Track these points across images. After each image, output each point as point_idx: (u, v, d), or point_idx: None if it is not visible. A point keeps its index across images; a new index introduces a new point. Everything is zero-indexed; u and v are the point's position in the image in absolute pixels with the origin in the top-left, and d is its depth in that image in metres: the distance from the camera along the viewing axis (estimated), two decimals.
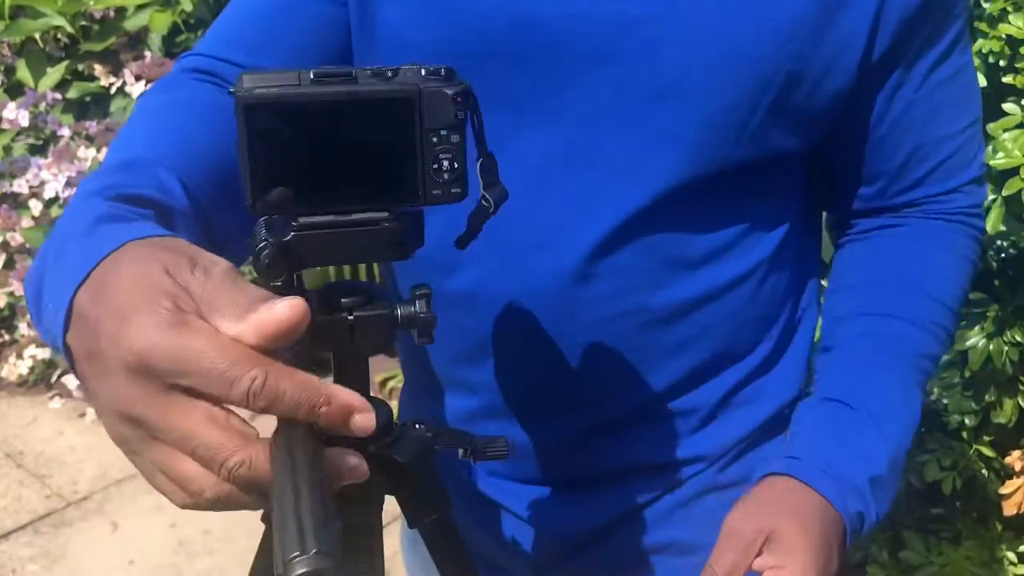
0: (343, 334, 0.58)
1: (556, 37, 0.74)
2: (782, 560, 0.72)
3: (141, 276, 0.48)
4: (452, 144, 0.55)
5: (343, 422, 0.47)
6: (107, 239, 0.53)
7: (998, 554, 1.84)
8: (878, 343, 0.83)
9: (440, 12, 0.75)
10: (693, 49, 0.72)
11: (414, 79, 0.55)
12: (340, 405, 0.47)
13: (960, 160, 0.85)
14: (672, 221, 0.78)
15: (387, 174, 0.55)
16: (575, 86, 0.75)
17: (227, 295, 0.47)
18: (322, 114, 0.54)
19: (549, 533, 0.90)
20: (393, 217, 0.56)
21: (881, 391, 0.82)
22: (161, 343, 0.45)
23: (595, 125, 0.75)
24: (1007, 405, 1.68)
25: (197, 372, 0.45)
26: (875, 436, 0.80)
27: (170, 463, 0.47)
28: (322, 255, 0.56)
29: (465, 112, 0.56)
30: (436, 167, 0.55)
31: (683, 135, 0.75)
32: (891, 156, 0.83)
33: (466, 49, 0.75)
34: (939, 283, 0.85)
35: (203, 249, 0.52)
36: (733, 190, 0.79)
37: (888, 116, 0.81)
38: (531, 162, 0.77)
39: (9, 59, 3.10)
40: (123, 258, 0.51)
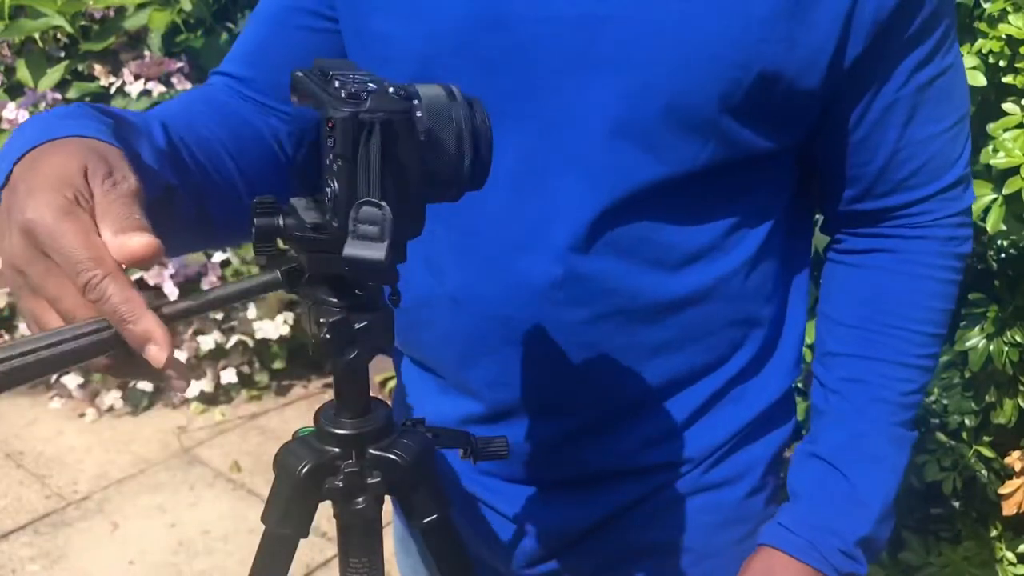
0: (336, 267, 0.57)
1: (527, 40, 0.74)
2: None
3: (62, 166, 0.58)
4: (332, 172, 0.54)
5: (140, 344, 0.54)
6: (59, 128, 0.63)
7: (998, 554, 1.84)
8: (870, 391, 0.87)
9: (416, 17, 0.77)
10: (661, 50, 0.72)
11: (339, 95, 0.54)
12: (143, 329, 0.54)
13: (943, 161, 0.84)
14: (649, 222, 0.79)
15: None
16: (547, 88, 0.75)
17: (119, 210, 0.56)
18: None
19: (536, 533, 0.90)
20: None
21: (869, 456, 0.87)
22: (46, 219, 0.55)
23: (567, 126, 0.76)
24: (1007, 405, 1.69)
25: (60, 251, 0.54)
26: (858, 505, 0.86)
27: (39, 312, 0.57)
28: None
29: (339, 141, 0.53)
30: (328, 191, 0.55)
31: (653, 135, 0.75)
32: (872, 158, 0.83)
33: (440, 53, 0.76)
34: (927, 314, 0.87)
35: (128, 165, 0.61)
36: (709, 190, 0.79)
37: (868, 118, 0.81)
38: (507, 165, 0.77)
39: (9, 59, 3.10)
40: (61, 146, 0.61)
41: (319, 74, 0.58)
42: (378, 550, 0.66)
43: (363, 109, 0.52)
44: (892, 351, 0.87)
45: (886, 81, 0.79)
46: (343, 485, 0.62)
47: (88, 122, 0.65)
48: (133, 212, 0.57)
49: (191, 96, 0.87)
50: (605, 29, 0.73)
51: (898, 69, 0.79)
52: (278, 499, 0.64)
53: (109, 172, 0.59)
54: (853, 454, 0.87)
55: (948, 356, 1.85)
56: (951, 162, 0.85)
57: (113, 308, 0.54)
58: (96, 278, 0.54)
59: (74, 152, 0.60)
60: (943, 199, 0.85)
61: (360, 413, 0.63)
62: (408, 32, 0.77)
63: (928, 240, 0.86)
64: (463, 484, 0.92)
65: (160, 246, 0.56)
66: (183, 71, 2.86)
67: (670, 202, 0.78)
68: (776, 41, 0.73)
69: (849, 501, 0.85)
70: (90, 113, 0.68)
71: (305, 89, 0.58)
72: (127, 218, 0.56)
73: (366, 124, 0.52)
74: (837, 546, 0.84)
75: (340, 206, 0.53)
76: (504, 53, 0.75)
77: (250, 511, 2.53)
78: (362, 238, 0.52)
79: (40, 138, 0.62)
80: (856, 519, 0.85)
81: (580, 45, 0.73)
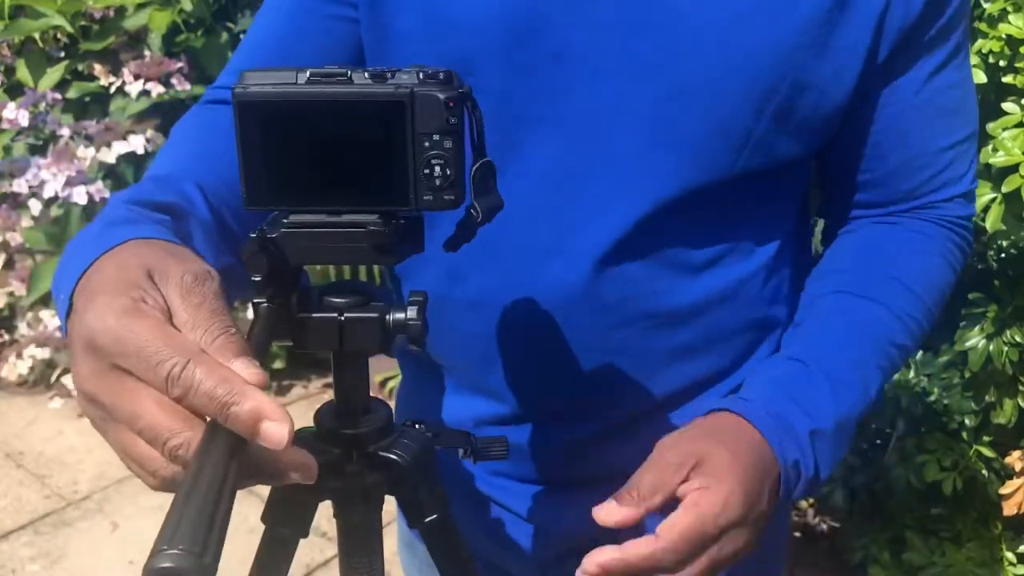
0: (332, 334, 0.58)
1: (564, 44, 0.74)
2: (707, 483, 0.68)
3: (121, 269, 0.52)
4: (445, 150, 0.55)
5: (251, 426, 0.46)
6: (112, 237, 0.57)
7: (998, 554, 1.84)
8: (851, 320, 0.82)
9: (446, 21, 0.76)
10: (698, 57, 0.72)
11: (409, 82, 0.54)
12: (251, 408, 0.46)
13: (952, 174, 0.85)
14: (678, 227, 0.78)
15: (378, 177, 0.55)
16: (580, 93, 0.75)
17: (208, 319, 0.49)
18: (314, 113, 0.54)
19: (549, 533, 0.90)
20: (381, 221, 0.55)
21: (841, 360, 0.80)
22: (108, 323, 0.48)
23: (601, 132, 0.75)
24: (1007, 405, 1.68)
25: (131, 353, 0.47)
26: (825, 394, 0.77)
27: (126, 443, 0.49)
28: (308, 254, 0.57)
29: (459, 118, 0.55)
30: (428, 172, 0.55)
31: (688, 142, 0.75)
32: (882, 162, 0.83)
33: (472, 57, 0.75)
34: (922, 279, 0.85)
35: (201, 260, 0.55)
36: (738, 195, 0.79)
37: (882, 120, 0.81)
38: (537, 170, 0.77)
39: (9, 59, 3.10)
40: (118, 253, 0.55)
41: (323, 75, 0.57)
42: (378, 550, 0.66)
43: (458, 83, 0.56)
44: (884, 295, 0.83)
45: (904, 84, 0.79)
46: (343, 485, 0.62)
47: (145, 225, 0.60)
48: (227, 323, 0.50)
49: (193, 143, 0.80)
50: (644, 34, 0.73)
51: (915, 72, 0.79)
52: (278, 499, 0.64)
53: (187, 270, 0.52)
54: (826, 353, 0.80)
55: (948, 356, 1.85)
56: (958, 176, 0.85)
57: (208, 395, 0.46)
58: (178, 366, 0.46)
59: (133, 254, 0.54)
60: (950, 205, 0.86)
61: (360, 413, 0.63)
62: (437, 33, 0.76)
63: (935, 225, 0.86)
64: (475, 484, 0.92)
65: (266, 381, 0.48)
66: (183, 71, 2.86)
67: (700, 208, 0.78)
68: (813, 49, 0.73)
69: (812, 387, 0.78)
70: (144, 214, 0.62)
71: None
72: (223, 332, 0.49)
73: (469, 95, 0.57)
74: (793, 428, 0.75)
75: (460, 176, 0.56)
76: (540, 56, 0.74)
77: (250, 511, 2.52)
78: (485, 193, 0.61)
79: (94, 254, 0.56)
80: (818, 410, 0.76)
81: (618, 50, 0.73)
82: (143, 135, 2.80)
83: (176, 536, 0.41)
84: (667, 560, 0.67)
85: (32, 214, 2.82)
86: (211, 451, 0.45)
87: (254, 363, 0.48)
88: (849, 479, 2.00)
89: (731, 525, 0.68)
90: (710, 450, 0.70)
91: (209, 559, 0.42)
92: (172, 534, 0.41)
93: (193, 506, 0.43)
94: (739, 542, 0.69)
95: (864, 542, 1.99)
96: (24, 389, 3.10)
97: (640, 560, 0.67)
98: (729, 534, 0.68)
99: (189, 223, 0.67)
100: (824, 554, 2.24)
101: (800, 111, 0.75)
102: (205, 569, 0.41)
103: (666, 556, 0.67)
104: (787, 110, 0.75)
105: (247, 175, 0.55)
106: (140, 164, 2.83)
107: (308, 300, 0.59)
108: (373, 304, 0.59)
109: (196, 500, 0.43)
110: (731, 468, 0.69)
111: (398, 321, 0.58)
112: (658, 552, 0.66)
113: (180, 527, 0.42)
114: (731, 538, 0.69)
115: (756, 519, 0.70)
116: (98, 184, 2.71)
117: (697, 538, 0.67)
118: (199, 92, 2.88)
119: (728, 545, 0.69)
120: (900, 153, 0.83)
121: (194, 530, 0.42)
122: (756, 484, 0.70)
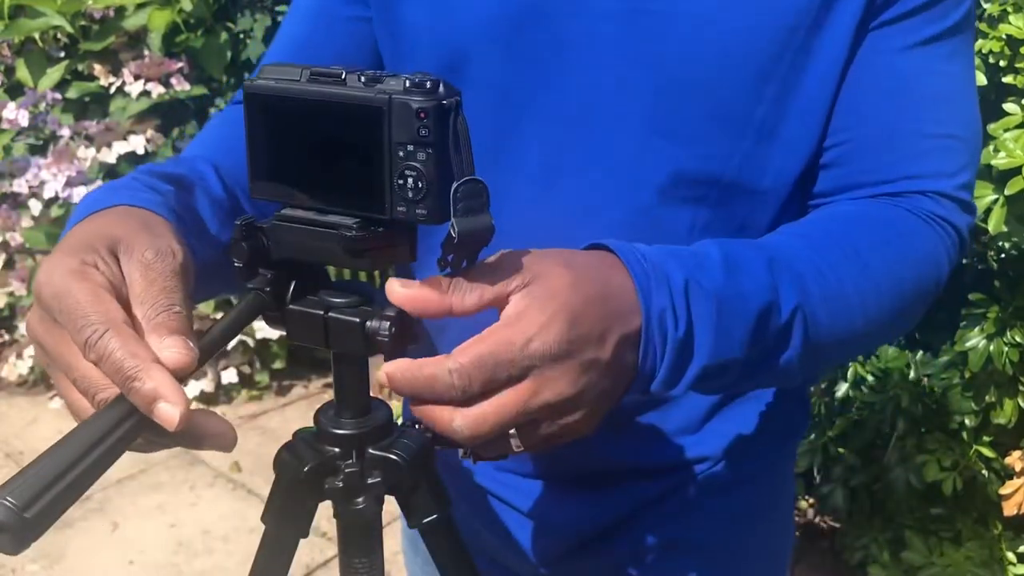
0: (317, 331, 0.58)
1: (563, 33, 0.74)
2: (527, 302, 0.55)
3: (89, 233, 0.55)
4: (418, 161, 0.53)
5: (147, 404, 0.48)
6: (103, 200, 0.60)
7: (998, 554, 1.84)
8: (801, 267, 0.68)
9: (448, 13, 0.76)
10: (698, 43, 0.72)
11: (393, 88, 0.53)
12: (150, 388, 0.48)
13: (928, 167, 0.78)
14: (674, 216, 0.78)
15: (358, 182, 0.55)
16: (578, 83, 0.75)
17: (156, 295, 0.52)
18: (306, 112, 0.55)
19: (554, 530, 0.90)
20: (358, 226, 0.55)
21: (741, 245, 0.67)
22: (53, 279, 0.51)
23: (601, 121, 0.76)
24: (1007, 406, 1.69)
25: (63, 311, 0.50)
26: (714, 259, 0.63)
27: (63, 389, 0.53)
28: (290, 248, 0.57)
29: (435, 130, 0.53)
30: (401, 183, 0.54)
31: (689, 129, 0.75)
32: (849, 134, 0.77)
33: (473, 46, 0.75)
34: (891, 267, 0.73)
35: (175, 237, 0.57)
36: (736, 185, 0.78)
37: (851, 87, 0.76)
38: (534, 160, 0.77)
39: (9, 59, 3.10)
40: (100, 216, 0.58)
41: (323, 76, 0.58)
42: (378, 550, 0.66)
43: (442, 94, 0.54)
44: (838, 263, 0.69)
45: (878, 50, 0.76)
46: (343, 485, 0.61)
47: (141, 192, 0.62)
48: (173, 301, 0.53)
49: (217, 133, 0.83)
50: (642, 22, 0.73)
51: (891, 42, 0.76)
52: (278, 499, 0.64)
53: (150, 246, 0.55)
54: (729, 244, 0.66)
55: (948, 356, 1.85)
56: (948, 171, 0.79)
57: (116, 366, 0.48)
58: (96, 334, 0.49)
59: (111, 222, 0.57)
60: (937, 199, 0.79)
61: (360, 413, 0.63)
62: (440, 23, 0.77)
63: (917, 218, 0.77)
64: (478, 480, 0.92)
65: (194, 361, 0.51)
66: (183, 71, 2.86)
67: (698, 199, 0.77)
68: (809, 27, 0.73)
69: (700, 249, 0.64)
70: (147, 182, 0.65)
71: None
72: (165, 309, 0.52)
73: (451, 108, 0.53)
74: (669, 271, 0.60)
75: (433, 190, 0.54)
76: (539, 47, 0.75)
77: (250, 511, 2.53)
78: (467, 213, 0.53)
79: (83, 213, 0.59)
80: (702, 266, 0.62)
81: (616, 39, 0.73)
82: (143, 135, 2.80)
83: (10, 487, 0.44)
84: (453, 385, 0.53)
85: (32, 214, 2.82)
86: (100, 416, 0.48)
87: (186, 343, 0.51)
88: (849, 479, 2.00)
89: (546, 358, 0.54)
90: (551, 271, 0.57)
91: (32, 515, 0.44)
92: (8, 485, 0.44)
93: (41, 464, 0.45)
94: (560, 387, 0.55)
95: (864, 542, 1.99)
96: (24, 389, 3.10)
97: (424, 379, 0.54)
98: (543, 371, 0.54)
99: (195, 193, 0.68)
100: (824, 554, 2.24)
101: (801, 93, 0.75)
102: (25, 523, 0.44)
103: (452, 379, 0.53)
104: (788, 92, 0.74)
105: (251, 165, 0.57)
106: (140, 164, 2.83)
107: (304, 292, 0.59)
108: (362, 308, 0.58)
109: (47, 460, 0.46)
110: (563, 293, 0.56)
111: (372, 329, 0.57)
112: (441, 373, 0.53)
113: (17, 480, 0.44)
114: (547, 378, 0.54)
115: (587, 365, 0.56)
116: (98, 184, 2.72)
117: (492, 363, 0.53)
118: (199, 93, 2.89)
119: (545, 389, 0.55)
120: (875, 122, 0.77)
121: (29, 486, 0.44)
122: (594, 321, 0.56)
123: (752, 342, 0.62)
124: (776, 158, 0.77)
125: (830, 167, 0.79)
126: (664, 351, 0.59)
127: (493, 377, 0.54)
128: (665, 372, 0.59)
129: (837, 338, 0.69)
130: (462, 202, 0.53)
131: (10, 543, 0.44)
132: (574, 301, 0.56)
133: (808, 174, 0.81)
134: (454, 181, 0.54)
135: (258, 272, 0.58)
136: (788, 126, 0.76)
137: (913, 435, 1.87)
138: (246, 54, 2.90)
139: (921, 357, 1.90)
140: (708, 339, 0.60)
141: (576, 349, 0.55)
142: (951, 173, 0.77)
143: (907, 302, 0.73)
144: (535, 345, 0.54)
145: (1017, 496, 1.70)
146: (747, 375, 0.65)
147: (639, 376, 0.59)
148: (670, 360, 0.59)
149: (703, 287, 0.60)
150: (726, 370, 0.62)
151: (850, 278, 0.69)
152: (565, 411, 0.56)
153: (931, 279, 0.76)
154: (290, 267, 0.59)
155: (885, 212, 0.76)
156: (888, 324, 0.73)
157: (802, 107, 0.76)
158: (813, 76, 0.75)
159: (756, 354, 0.63)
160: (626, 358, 0.58)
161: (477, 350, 0.54)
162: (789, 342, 0.65)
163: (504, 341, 0.54)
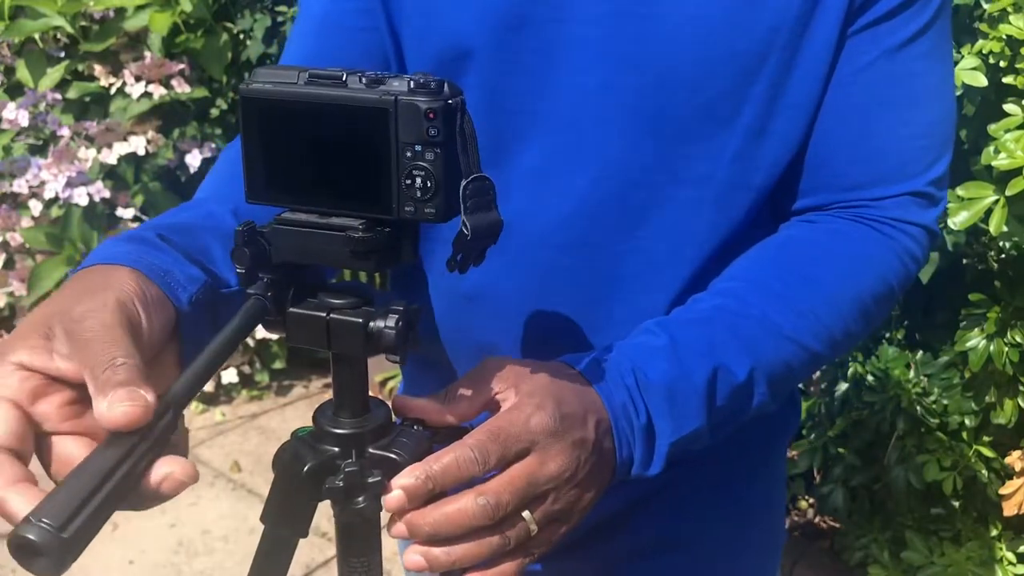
0: (320, 333, 0.58)
1: (550, 39, 0.75)
2: (521, 396, 0.64)
3: (34, 319, 0.56)
4: (426, 161, 0.54)
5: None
6: (92, 257, 0.62)
7: (998, 554, 1.84)
8: (726, 318, 0.74)
9: (437, 17, 0.77)
10: (683, 44, 0.73)
11: (398, 89, 0.54)
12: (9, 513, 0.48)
13: (908, 167, 0.79)
14: (674, 217, 0.78)
15: (363, 183, 0.55)
16: (566, 86, 0.76)
17: (89, 347, 0.52)
18: (306, 114, 0.55)
19: None
20: (364, 228, 0.55)
21: (689, 326, 0.73)
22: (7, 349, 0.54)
23: (590, 124, 0.76)
24: (1007, 406, 1.69)
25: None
26: (661, 344, 0.71)
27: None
28: (292, 252, 0.57)
29: (443, 129, 0.54)
30: (409, 183, 0.55)
31: (674, 129, 0.75)
32: (833, 131, 0.78)
33: (462, 53, 0.76)
34: (843, 291, 0.77)
35: (114, 287, 0.57)
36: (727, 184, 0.78)
37: (843, 85, 0.77)
38: (529, 162, 0.78)
39: (9, 59, 3.10)
40: (66, 286, 0.60)
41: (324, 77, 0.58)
42: (377, 550, 0.66)
43: (447, 94, 0.54)
44: (792, 299, 0.75)
45: (853, 57, 0.76)
46: (343, 485, 0.61)
47: (112, 247, 0.63)
48: (113, 354, 0.52)
49: (230, 166, 0.81)
50: (626, 25, 0.74)
51: (867, 47, 0.76)
52: (278, 499, 0.64)
53: (76, 312, 0.55)
54: (675, 320, 0.74)
55: (948, 356, 1.86)
56: (917, 171, 0.80)
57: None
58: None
59: (57, 300, 0.58)
60: (902, 202, 0.80)
61: (359, 412, 0.63)
62: (435, 32, 0.77)
63: (877, 233, 0.79)
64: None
65: (146, 410, 0.50)
66: (183, 73, 2.86)
67: (693, 198, 0.78)
68: (794, 25, 0.73)
69: (646, 333, 0.72)
70: (134, 234, 0.65)
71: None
72: (106, 367, 0.51)
73: (457, 107, 0.54)
74: (617, 365, 0.69)
75: (442, 190, 0.54)
76: (527, 53, 0.75)
77: (250, 511, 2.53)
78: (476, 210, 0.56)
79: (72, 273, 0.62)
80: (648, 358, 0.70)
81: (602, 42, 0.74)
82: (144, 136, 2.80)
83: (43, 510, 0.44)
84: (473, 461, 0.60)
85: (32, 214, 2.82)
86: (114, 441, 0.49)
87: (134, 392, 0.50)
88: (849, 479, 2.00)
89: (545, 433, 0.62)
90: (530, 372, 0.66)
91: (69, 535, 0.44)
92: (42, 508, 0.45)
93: (70, 486, 0.46)
94: (561, 460, 0.63)
95: (864, 542, 1.99)
96: None
97: (442, 469, 0.60)
98: (545, 447, 0.62)
99: (203, 238, 0.68)
100: (824, 554, 2.24)
101: (790, 90, 0.75)
102: (63, 544, 0.44)
103: (472, 455, 0.60)
104: (778, 92, 0.75)
105: (248, 169, 0.57)
106: (141, 165, 2.83)
107: (304, 296, 0.59)
108: (364, 309, 0.58)
109: (75, 479, 0.46)
110: (546, 385, 0.65)
111: (377, 329, 0.58)
112: (461, 455, 0.60)
113: (50, 502, 0.45)
114: (549, 453, 0.62)
115: (577, 442, 0.64)
116: (99, 185, 2.71)
117: (503, 438, 0.61)
118: (199, 94, 2.89)
119: (550, 460, 0.62)
120: (843, 130, 0.78)
121: (62, 507, 0.45)
122: (575, 404, 0.65)
123: (711, 409, 0.70)
124: (768, 155, 0.78)
125: (806, 168, 0.81)
126: (634, 438, 0.68)
127: (504, 450, 0.61)
128: (640, 454, 0.68)
129: (803, 368, 0.77)
130: (471, 199, 0.56)
131: (51, 566, 0.44)
132: (556, 389, 0.65)
133: (793, 169, 0.82)
134: (462, 179, 0.55)
135: (258, 277, 0.58)
136: (779, 124, 0.77)
137: (913, 435, 1.87)
138: (246, 54, 2.90)
139: (921, 357, 1.90)
140: (666, 424, 0.69)
141: (567, 427, 0.64)
142: (921, 172, 0.80)
143: (861, 324, 0.79)
144: (535, 420, 0.63)
145: (1017, 496, 1.70)
146: (722, 430, 0.73)
147: (619, 463, 0.68)
148: (641, 444, 0.68)
149: (650, 380, 0.69)
150: (698, 436, 0.70)
151: (805, 313, 0.75)
152: (567, 484, 0.64)
153: (884, 294, 0.79)
154: (290, 271, 0.59)
155: (838, 236, 0.79)
156: (848, 340, 0.79)
157: (792, 103, 0.76)
158: (802, 74, 0.75)
159: (723, 415, 0.72)
160: (606, 442, 0.67)
161: (488, 427, 0.62)
162: (753, 394, 0.73)
163: (509, 420, 0.62)
